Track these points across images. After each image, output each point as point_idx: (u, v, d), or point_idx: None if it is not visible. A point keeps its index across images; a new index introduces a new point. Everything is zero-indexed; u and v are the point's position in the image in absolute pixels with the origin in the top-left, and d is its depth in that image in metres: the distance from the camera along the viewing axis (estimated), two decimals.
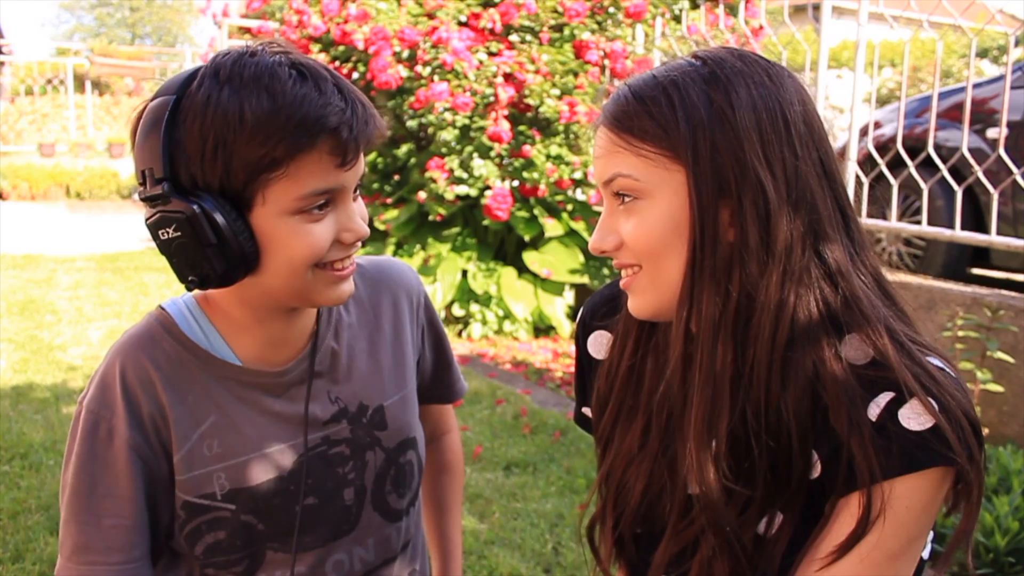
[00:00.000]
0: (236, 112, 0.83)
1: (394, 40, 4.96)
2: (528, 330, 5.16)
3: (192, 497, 0.95)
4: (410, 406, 1.09)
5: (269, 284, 0.91)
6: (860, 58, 3.87)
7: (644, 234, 0.82)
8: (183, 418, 0.95)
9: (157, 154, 0.85)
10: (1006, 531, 2.29)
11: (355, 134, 0.87)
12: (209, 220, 0.85)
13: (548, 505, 2.90)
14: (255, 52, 0.88)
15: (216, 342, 0.98)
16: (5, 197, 11.07)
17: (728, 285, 0.79)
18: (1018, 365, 2.94)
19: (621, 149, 0.82)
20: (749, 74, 0.80)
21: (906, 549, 0.76)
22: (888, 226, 3.83)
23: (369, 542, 1.05)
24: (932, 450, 0.74)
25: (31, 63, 15.59)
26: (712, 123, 0.79)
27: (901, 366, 0.77)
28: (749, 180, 0.78)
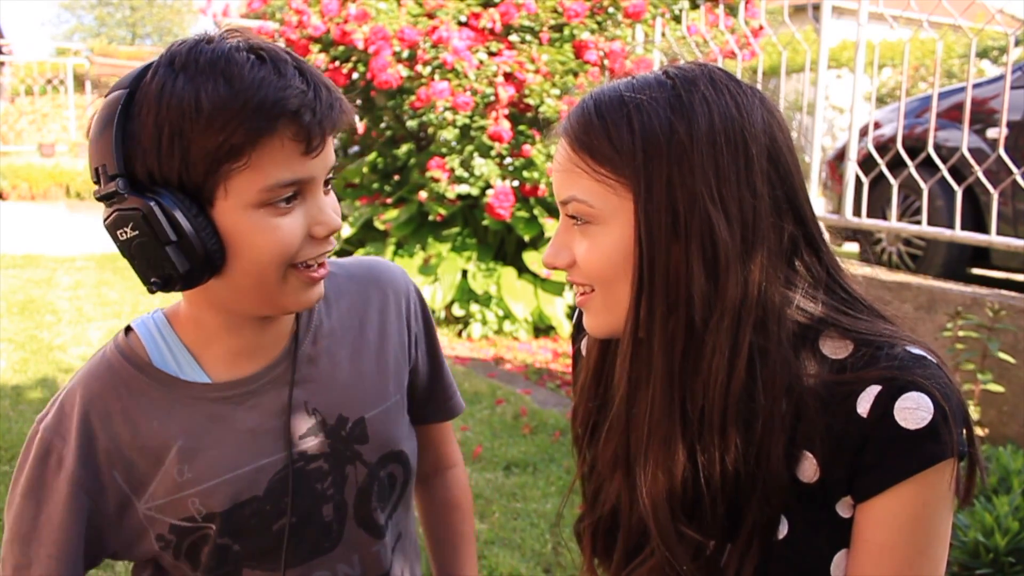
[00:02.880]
0: (192, 100, 0.79)
1: (394, 40, 4.96)
2: (528, 330, 5.16)
3: (175, 520, 0.92)
4: (395, 417, 1.03)
5: (237, 285, 0.86)
6: (860, 58, 3.87)
7: (596, 259, 0.80)
8: (149, 446, 0.91)
9: (110, 149, 0.81)
10: (1006, 531, 2.29)
11: (319, 118, 0.81)
12: (167, 216, 0.80)
13: (548, 505, 2.90)
14: (211, 39, 0.83)
15: (184, 361, 0.94)
16: (5, 197, 11.07)
17: (675, 325, 0.77)
18: (1018, 365, 2.94)
19: (578, 169, 0.80)
20: (716, 103, 0.77)
21: (934, 539, 0.78)
22: (888, 226, 3.83)
23: (354, 559, 1.00)
24: (933, 448, 0.74)
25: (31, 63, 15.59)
26: (670, 156, 0.76)
27: (883, 357, 0.77)
28: (699, 221, 0.75)
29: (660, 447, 0.80)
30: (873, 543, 0.77)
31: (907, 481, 0.75)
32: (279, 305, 0.89)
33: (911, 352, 0.77)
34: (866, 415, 0.75)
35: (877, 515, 0.76)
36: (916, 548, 0.77)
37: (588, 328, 0.86)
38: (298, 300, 0.89)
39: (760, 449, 0.78)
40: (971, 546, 2.31)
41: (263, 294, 0.87)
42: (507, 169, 5.10)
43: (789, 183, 0.79)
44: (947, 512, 0.78)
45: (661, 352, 0.78)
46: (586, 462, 0.95)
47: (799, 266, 0.81)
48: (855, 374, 0.77)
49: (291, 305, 0.89)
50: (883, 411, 0.75)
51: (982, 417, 2.98)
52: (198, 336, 0.94)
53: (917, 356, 0.77)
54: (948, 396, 0.75)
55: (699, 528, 0.81)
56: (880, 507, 0.76)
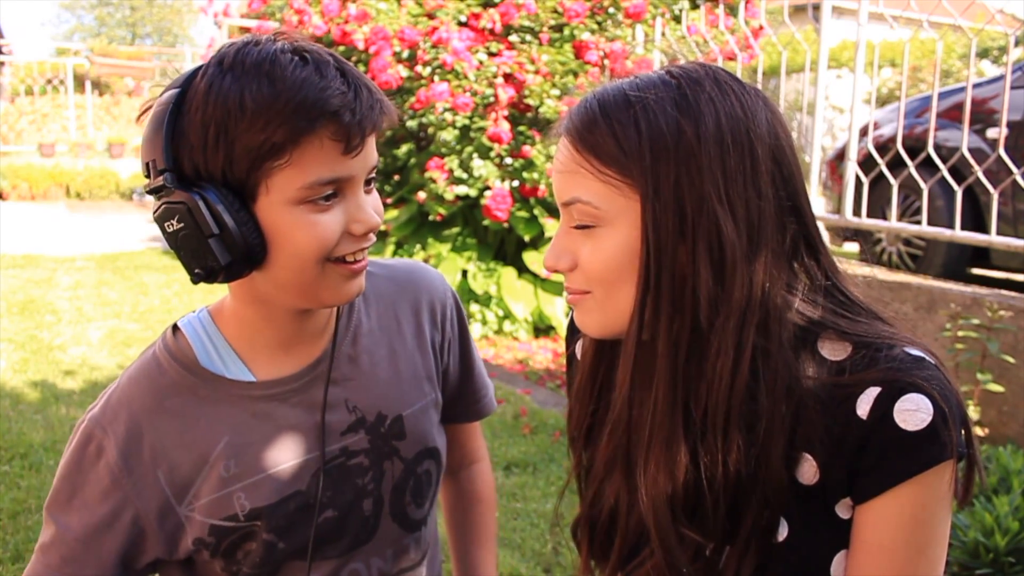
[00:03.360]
0: (237, 99, 0.82)
1: (394, 40, 4.96)
2: (528, 330, 5.16)
3: (217, 520, 0.94)
4: (430, 415, 1.06)
5: (278, 279, 0.89)
6: (860, 58, 3.87)
7: (599, 261, 0.79)
8: (195, 444, 0.94)
9: (160, 146, 0.84)
10: (1006, 531, 2.29)
11: (358, 118, 0.84)
12: (210, 209, 0.83)
13: (548, 505, 2.90)
14: (259, 41, 0.86)
15: (229, 359, 0.96)
16: (5, 197, 11.07)
17: (680, 327, 0.77)
18: (1018, 365, 2.94)
19: (582, 169, 0.79)
20: (721, 103, 0.77)
21: (932, 540, 0.77)
22: (888, 226, 3.83)
23: (388, 552, 1.03)
24: (932, 449, 0.74)
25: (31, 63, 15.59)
26: (677, 156, 0.75)
27: (882, 359, 0.77)
28: (707, 222, 0.75)
29: (662, 448, 0.79)
30: (872, 544, 0.77)
31: (907, 483, 0.75)
32: (318, 298, 0.91)
33: (910, 353, 0.77)
34: (866, 417, 0.75)
35: (876, 516, 0.77)
36: (915, 548, 0.77)
37: (581, 326, 0.85)
38: (337, 293, 0.91)
39: (762, 451, 0.78)
40: (971, 546, 2.31)
41: (302, 287, 0.89)
42: (507, 170, 5.11)
43: (792, 184, 0.79)
44: (946, 513, 0.78)
45: (666, 353, 0.78)
46: (582, 464, 0.95)
47: (798, 268, 0.81)
48: (854, 376, 0.77)
49: (330, 298, 0.91)
50: (883, 413, 0.75)
51: (982, 417, 2.98)
52: (241, 332, 0.97)
53: (916, 357, 0.77)
54: (947, 397, 0.75)
55: (699, 530, 0.81)
56: (879, 508, 0.76)
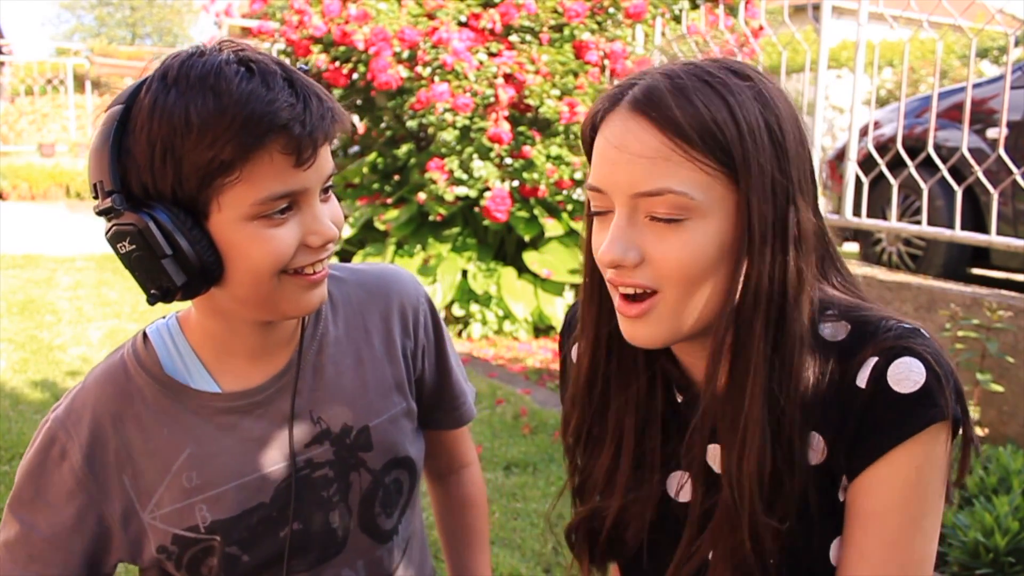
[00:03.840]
0: (182, 115, 0.79)
1: (394, 40, 4.96)
2: (528, 330, 5.16)
3: (179, 530, 0.93)
4: (400, 424, 1.03)
5: (236, 294, 0.87)
6: (860, 58, 3.87)
7: (687, 257, 0.75)
8: (159, 453, 0.92)
9: (106, 166, 0.82)
10: (1006, 531, 2.29)
11: (308, 130, 0.81)
12: (162, 231, 0.81)
13: (548, 505, 2.90)
14: (203, 52, 0.83)
15: (194, 368, 0.95)
16: (5, 197, 11.07)
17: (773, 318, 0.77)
18: (1018, 365, 2.94)
19: (675, 155, 0.73)
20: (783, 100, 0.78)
21: (927, 509, 0.76)
22: (888, 226, 3.83)
23: (359, 564, 1.01)
24: (926, 410, 0.74)
25: (31, 63, 15.59)
26: (771, 148, 0.75)
27: (877, 330, 0.78)
28: (793, 214, 0.76)
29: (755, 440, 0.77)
30: (865, 511, 0.76)
31: (901, 446, 0.75)
32: (279, 311, 0.89)
33: (904, 325, 0.79)
34: (864, 386, 0.76)
35: (870, 483, 0.76)
36: (909, 516, 0.76)
37: (637, 338, 0.80)
38: (298, 305, 0.89)
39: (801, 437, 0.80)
40: (971, 546, 2.31)
41: (260, 301, 0.88)
42: (507, 170, 5.11)
43: (814, 176, 0.82)
44: (940, 483, 0.77)
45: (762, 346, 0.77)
46: (579, 471, 0.94)
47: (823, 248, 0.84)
48: (854, 353, 0.78)
49: (291, 310, 0.89)
50: (878, 377, 0.76)
51: (982, 417, 2.98)
52: (206, 342, 0.95)
53: (911, 328, 0.78)
54: (941, 362, 0.76)
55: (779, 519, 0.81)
56: (873, 475, 0.76)
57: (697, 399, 0.87)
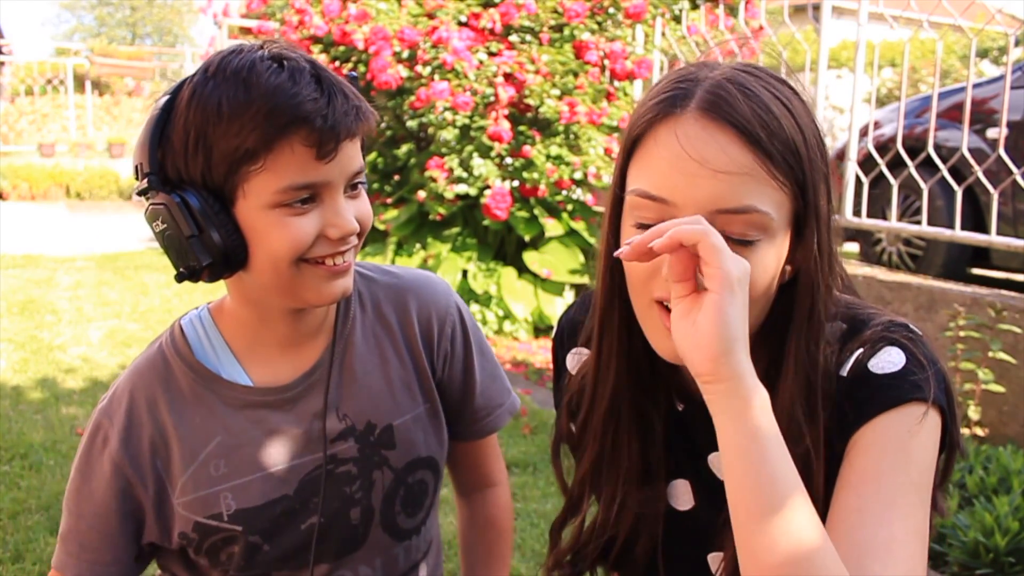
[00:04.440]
0: (215, 105, 0.84)
1: (394, 40, 4.96)
2: (528, 330, 5.16)
3: (201, 517, 0.96)
4: (424, 424, 1.05)
5: (259, 280, 0.91)
6: (860, 58, 3.87)
7: (757, 280, 0.72)
8: (188, 439, 0.96)
9: (146, 149, 0.87)
10: (1006, 531, 2.29)
11: (331, 124, 0.85)
12: (190, 211, 0.85)
13: (548, 505, 2.90)
14: (243, 49, 0.89)
15: (226, 359, 0.98)
16: (5, 197, 11.07)
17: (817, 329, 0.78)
18: (1018, 365, 2.94)
19: (763, 175, 0.71)
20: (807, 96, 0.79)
21: (915, 488, 0.74)
22: (888, 226, 3.83)
23: (376, 562, 1.03)
24: (903, 387, 0.75)
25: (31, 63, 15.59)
26: (822, 160, 0.76)
27: (866, 327, 0.79)
28: (830, 220, 0.78)
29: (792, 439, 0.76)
30: (855, 473, 0.74)
31: (883, 415, 0.74)
32: (301, 298, 0.92)
33: (894, 320, 0.80)
34: (846, 375, 0.78)
35: (856, 447, 0.75)
36: (909, 480, 0.73)
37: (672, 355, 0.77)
38: (319, 294, 0.92)
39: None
40: (971, 546, 2.31)
41: (282, 288, 0.91)
42: (507, 169, 5.10)
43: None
44: (932, 457, 0.75)
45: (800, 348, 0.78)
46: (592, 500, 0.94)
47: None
48: (843, 348, 0.80)
49: (313, 298, 0.92)
50: (860, 366, 0.77)
51: (982, 417, 2.98)
52: (239, 333, 0.99)
53: (900, 323, 0.80)
54: (925, 354, 0.77)
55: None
56: (862, 440, 0.75)
57: (699, 407, 0.87)
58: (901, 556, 0.69)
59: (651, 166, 0.74)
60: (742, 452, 0.67)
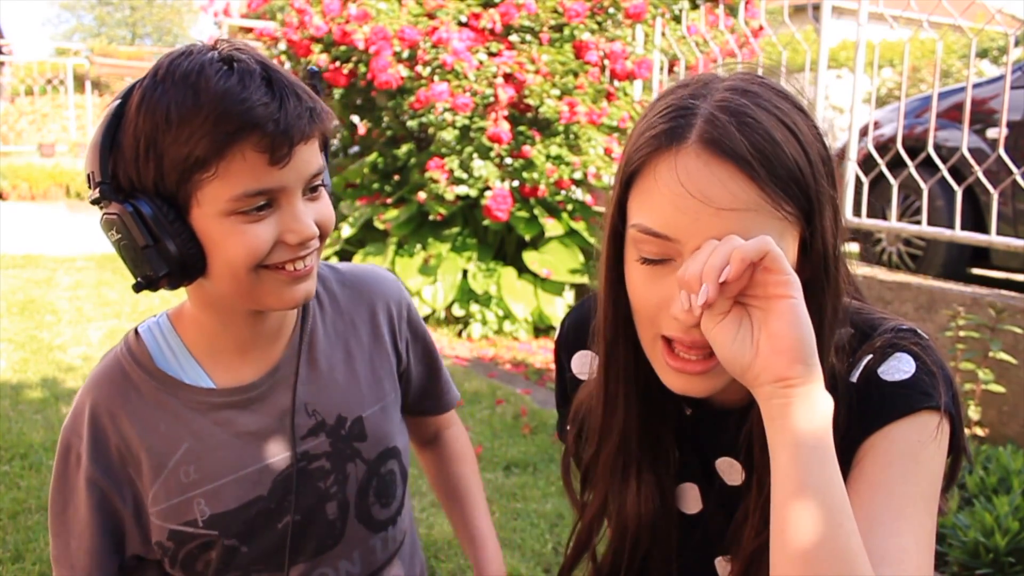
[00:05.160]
0: (164, 111, 0.82)
1: (394, 40, 4.96)
2: (528, 330, 5.15)
3: (176, 525, 0.94)
4: (390, 415, 1.06)
5: (218, 287, 0.89)
6: (860, 58, 3.87)
7: None
8: (155, 448, 0.94)
9: (97, 157, 0.85)
10: (1006, 531, 2.29)
11: (283, 128, 0.82)
12: (143, 220, 0.83)
13: (548, 505, 2.90)
14: (193, 51, 0.85)
15: (187, 364, 0.96)
16: (5, 197, 11.07)
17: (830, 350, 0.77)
18: (1018, 365, 2.94)
19: (768, 207, 0.70)
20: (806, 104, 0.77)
21: (925, 499, 0.74)
22: (888, 226, 3.83)
23: (355, 555, 1.03)
24: (915, 396, 0.75)
25: (31, 63, 15.59)
26: (829, 187, 0.75)
27: (875, 333, 0.79)
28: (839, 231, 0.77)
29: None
30: (866, 482, 0.74)
31: (895, 423, 0.74)
32: (263, 303, 0.91)
33: (903, 327, 0.80)
34: (856, 381, 0.78)
35: (867, 456, 0.75)
36: (919, 490, 0.73)
37: (692, 391, 0.77)
38: (281, 299, 0.90)
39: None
40: (971, 546, 2.31)
41: (243, 294, 0.89)
42: (507, 170, 5.10)
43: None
44: (940, 467, 0.75)
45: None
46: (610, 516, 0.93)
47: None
48: (853, 354, 0.79)
49: (275, 303, 0.91)
50: (870, 373, 0.77)
51: (982, 417, 2.98)
52: (200, 338, 0.96)
53: (908, 328, 0.80)
54: (934, 360, 0.76)
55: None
56: (873, 449, 0.75)
57: (708, 412, 0.87)
58: (912, 566, 0.70)
59: (653, 202, 0.73)
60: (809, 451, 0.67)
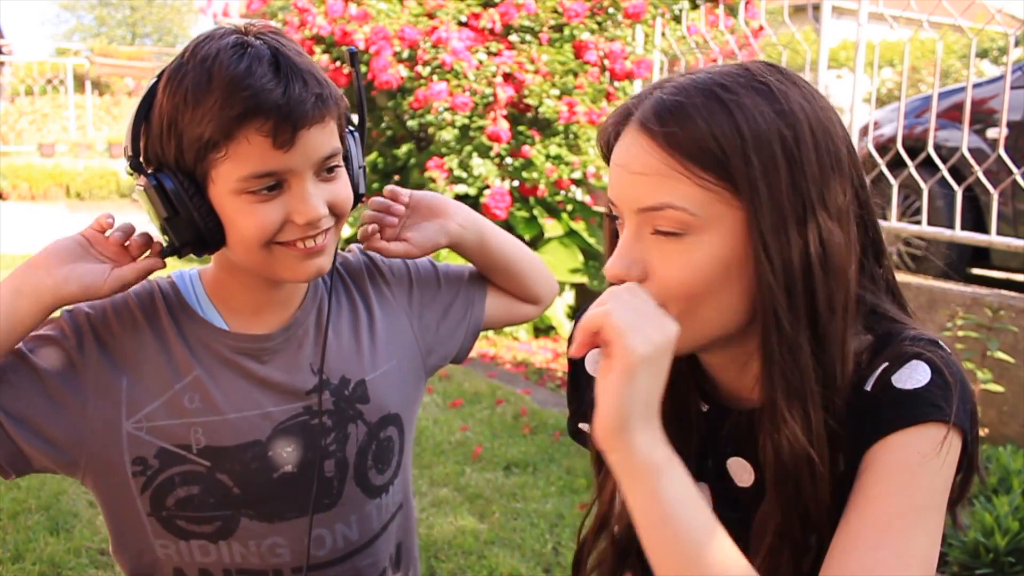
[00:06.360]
0: (183, 92, 0.86)
1: (394, 40, 4.96)
2: (528, 330, 5.15)
3: (167, 444, 0.95)
4: (393, 381, 1.08)
5: (235, 258, 0.95)
6: (860, 58, 3.87)
7: (688, 275, 0.75)
8: (167, 367, 0.96)
9: (130, 133, 0.91)
10: (1006, 531, 2.29)
11: (286, 112, 0.85)
12: (164, 194, 0.88)
13: (548, 505, 2.90)
14: (217, 34, 0.90)
15: (208, 310, 1.00)
16: (5, 197, 11.07)
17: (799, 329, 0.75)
18: (1018, 365, 2.94)
19: (676, 173, 0.73)
20: (811, 109, 0.76)
21: (929, 502, 0.72)
22: (888, 226, 3.83)
23: (351, 519, 1.04)
24: (924, 406, 0.73)
25: (31, 63, 15.58)
26: (784, 161, 0.73)
27: (895, 340, 0.77)
28: (815, 228, 0.74)
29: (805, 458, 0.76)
30: (861, 492, 0.73)
31: (900, 432, 0.73)
32: (276, 275, 0.95)
33: (923, 335, 0.78)
34: (870, 388, 0.76)
35: (872, 466, 0.74)
36: (909, 503, 0.72)
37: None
38: (294, 272, 0.94)
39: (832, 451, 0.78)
40: (971, 546, 2.31)
41: (258, 266, 0.94)
42: (506, 169, 5.10)
43: (864, 187, 0.80)
44: (944, 482, 0.73)
45: (808, 350, 0.75)
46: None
47: (869, 270, 0.82)
48: (870, 362, 0.78)
49: (288, 276, 0.95)
50: (884, 379, 0.75)
51: (982, 417, 2.98)
52: (220, 291, 1.01)
53: (929, 338, 0.77)
54: (952, 372, 0.74)
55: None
56: (874, 459, 0.74)
57: (723, 409, 0.87)
58: None
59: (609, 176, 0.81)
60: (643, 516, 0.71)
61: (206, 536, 0.98)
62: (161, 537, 0.98)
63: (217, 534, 0.98)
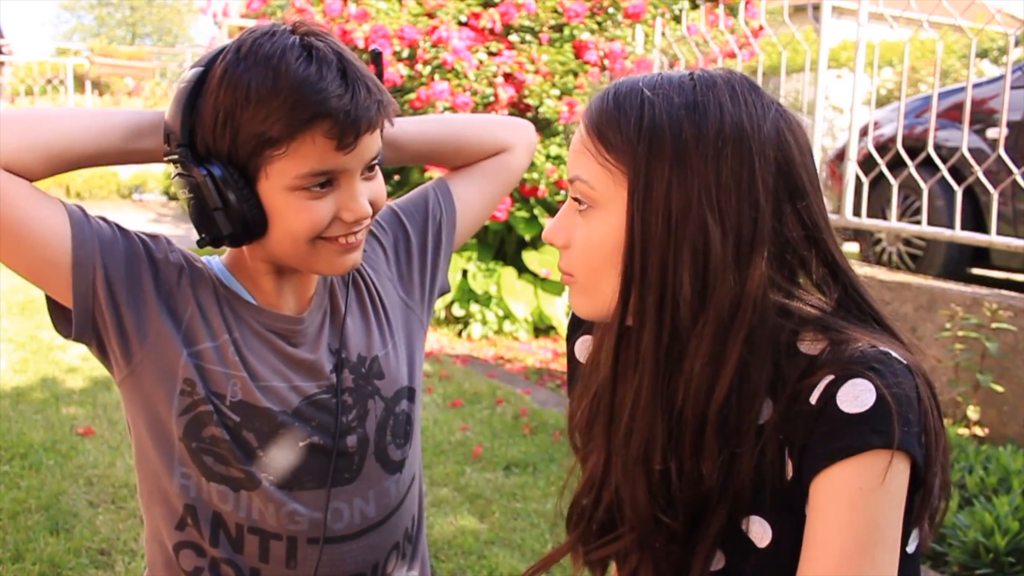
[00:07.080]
0: (244, 88, 0.89)
1: (394, 39, 4.96)
2: (528, 330, 5.16)
3: (211, 388, 0.99)
4: (402, 355, 1.12)
5: (275, 250, 0.97)
6: (860, 58, 3.87)
7: (587, 247, 0.81)
8: (219, 315, 1.00)
9: (179, 121, 0.92)
10: (1006, 531, 2.29)
11: (352, 118, 0.90)
12: (216, 186, 0.91)
13: (548, 505, 2.90)
14: (275, 32, 0.92)
15: (240, 290, 1.03)
16: None
17: (663, 322, 0.77)
18: (1018, 365, 2.94)
19: (588, 151, 0.81)
20: (730, 111, 0.76)
21: (879, 540, 0.72)
22: (888, 226, 3.83)
23: (370, 494, 1.06)
24: (866, 434, 0.72)
25: (31, 63, 15.58)
26: (672, 155, 0.76)
27: (846, 351, 0.76)
28: (693, 227, 0.75)
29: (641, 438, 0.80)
30: (813, 538, 0.74)
31: (840, 464, 0.72)
32: (314, 268, 1.00)
33: (878, 349, 0.76)
34: (814, 403, 0.75)
35: (816, 503, 0.74)
36: (856, 543, 0.72)
37: (572, 307, 0.87)
38: (332, 266, 0.99)
39: (732, 459, 0.78)
40: (971, 546, 2.32)
41: (296, 260, 0.98)
42: None
43: (802, 200, 0.78)
44: (891, 509, 0.73)
45: (651, 346, 0.78)
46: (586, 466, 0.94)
47: (805, 282, 0.81)
48: (819, 369, 0.76)
49: (326, 269, 1.00)
50: (829, 397, 0.74)
51: (982, 417, 2.98)
52: (247, 277, 1.04)
53: (882, 352, 0.75)
54: (897, 394, 0.72)
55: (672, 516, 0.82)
56: (817, 494, 0.74)
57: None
58: None
59: None
60: None
61: (228, 482, 1.00)
62: (185, 465, 1.00)
63: (239, 484, 1.00)
